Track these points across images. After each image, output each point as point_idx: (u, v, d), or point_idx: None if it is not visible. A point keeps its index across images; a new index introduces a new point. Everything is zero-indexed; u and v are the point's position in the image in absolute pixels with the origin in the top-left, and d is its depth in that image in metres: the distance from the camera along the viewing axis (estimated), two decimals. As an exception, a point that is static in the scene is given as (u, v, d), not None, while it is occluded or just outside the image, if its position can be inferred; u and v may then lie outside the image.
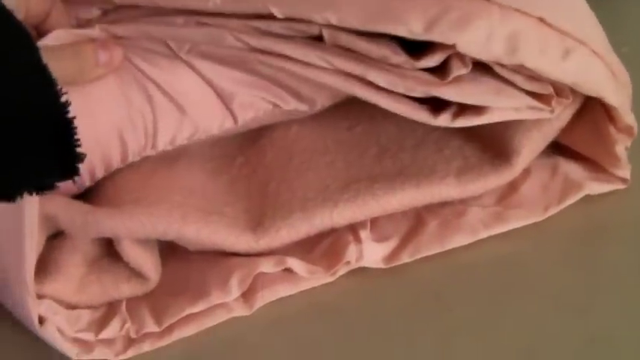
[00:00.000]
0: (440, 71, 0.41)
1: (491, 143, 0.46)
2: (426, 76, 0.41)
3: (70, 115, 0.34)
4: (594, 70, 0.42)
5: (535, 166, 0.46)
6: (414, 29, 0.39)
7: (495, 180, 0.45)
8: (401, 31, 0.39)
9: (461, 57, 0.40)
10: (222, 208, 0.46)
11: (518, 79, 0.42)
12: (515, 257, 0.45)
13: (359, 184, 0.45)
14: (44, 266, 0.43)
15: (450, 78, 0.40)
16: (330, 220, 0.44)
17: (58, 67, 0.35)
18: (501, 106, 0.42)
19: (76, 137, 0.34)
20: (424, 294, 0.44)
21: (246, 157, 0.50)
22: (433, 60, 0.41)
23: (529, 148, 0.44)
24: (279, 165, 0.48)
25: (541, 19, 0.40)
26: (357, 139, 0.49)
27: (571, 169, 0.46)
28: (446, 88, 0.41)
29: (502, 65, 0.41)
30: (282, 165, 0.48)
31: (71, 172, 0.35)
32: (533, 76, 0.41)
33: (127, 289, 0.44)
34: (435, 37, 0.39)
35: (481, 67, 0.41)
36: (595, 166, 0.46)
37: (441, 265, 0.45)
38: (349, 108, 0.48)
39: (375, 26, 0.40)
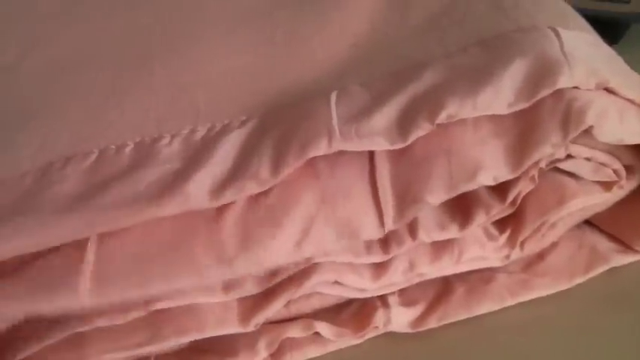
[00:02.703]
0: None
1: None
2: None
3: None
4: None
5: (562, 235, 0.46)
6: (555, 141, 0.40)
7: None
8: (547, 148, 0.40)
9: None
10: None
11: (585, 171, 0.42)
12: (539, 322, 0.45)
13: None
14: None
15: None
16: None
17: None
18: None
19: None
20: (449, 357, 0.45)
21: None
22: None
23: (564, 223, 0.45)
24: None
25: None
26: None
27: (598, 240, 0.47)
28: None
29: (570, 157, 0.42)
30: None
31: None
32: (604, 163, 0.42)
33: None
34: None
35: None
36: (621, 239, 0.47)
37: (466, 328, 0.45)
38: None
39: None
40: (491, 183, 0.40)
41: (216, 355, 0.45)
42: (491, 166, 0.40)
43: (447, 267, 0.44)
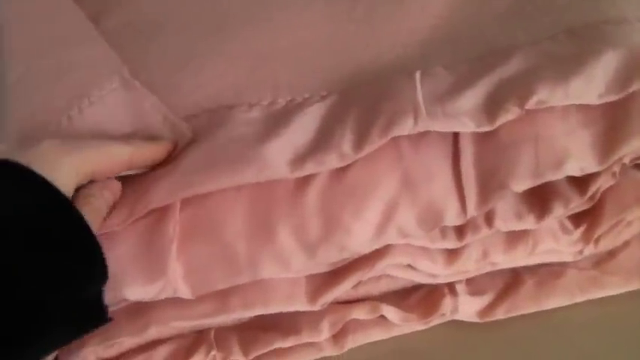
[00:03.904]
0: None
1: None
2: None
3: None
4: None
5: (635, 235, 0.46)
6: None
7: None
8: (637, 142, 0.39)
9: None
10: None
11: None
12: (608, 321, 0.45)
13: None
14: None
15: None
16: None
17: None
18: None
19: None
20: (514, 350, 0.44)
21: None
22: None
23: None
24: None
25: None
26: None
27: (670, 243, 0.46)
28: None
29: None
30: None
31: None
32: None
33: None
34: None
35: None
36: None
37: (533, 322, 0.45)
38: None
39: None
40: (578, 173, 0.40)
41: (278, 332, 0.44)
42: (579, 157, 0.39)
43: (520, 258, 0.44)
